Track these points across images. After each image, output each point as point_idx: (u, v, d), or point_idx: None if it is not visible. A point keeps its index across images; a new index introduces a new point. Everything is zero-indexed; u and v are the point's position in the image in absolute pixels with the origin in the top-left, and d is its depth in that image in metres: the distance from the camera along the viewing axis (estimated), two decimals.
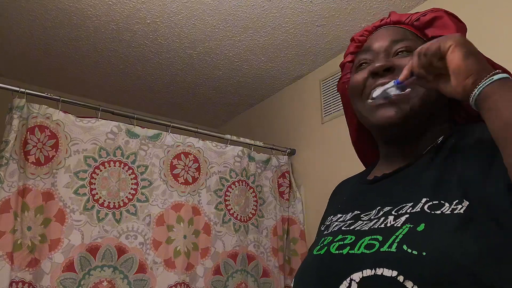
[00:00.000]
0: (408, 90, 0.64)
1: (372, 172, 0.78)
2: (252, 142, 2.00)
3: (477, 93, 0.53)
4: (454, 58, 0.54)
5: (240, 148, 1.91)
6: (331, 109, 1.96)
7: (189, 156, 1.77)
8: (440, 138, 0.67)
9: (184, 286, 1.57)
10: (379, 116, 0.68)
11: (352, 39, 0.79)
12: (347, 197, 0.79)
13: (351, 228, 0.64)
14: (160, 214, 1.63)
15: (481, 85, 0.52)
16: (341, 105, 2.09)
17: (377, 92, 0.66)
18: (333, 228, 0.69)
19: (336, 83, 1.49)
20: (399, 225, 0.55)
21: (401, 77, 0.61)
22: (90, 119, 1.59)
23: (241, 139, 1.97)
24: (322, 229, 0.77)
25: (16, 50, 1.97)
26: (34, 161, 1.44)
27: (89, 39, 1.88)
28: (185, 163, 1.75)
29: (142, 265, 1.54)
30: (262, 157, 2.00)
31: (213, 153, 1.84)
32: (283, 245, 1.92)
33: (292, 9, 1.67)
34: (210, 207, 1.75)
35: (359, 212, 0.67)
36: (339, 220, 0.70)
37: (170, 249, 1.60)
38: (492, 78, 0.52)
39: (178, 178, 1.72)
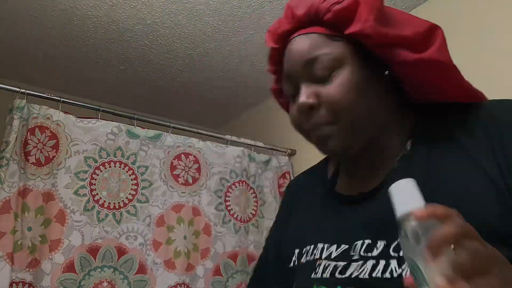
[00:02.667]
0: None
1: (338, 183, 0.71)
2: (252, 142, 2.00)
3: None
4: None
5: (241, 148, 1.91)
6: None
7: (189, 156, 1.77)
8: (408, 143, 0.62)
9: (184, 286, 1.57)
10: (324, 152, 0.64)
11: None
12: (318, 214, 0.71)
13: (347, 275, 0.57)
14: (160, 215, 1.63)
15: None
16: None
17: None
18: (323, 270, 0.61)
19: None
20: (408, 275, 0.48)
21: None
22: (91, 119, 1.59)
23: (242, 140, 1.96)
24: (303, 261, 0.66)
25: (17, 50, 1.97)
26: (35, 161, 1.44)
27: (90, 39, 1.88)
28: (185, 164, 1.75)
29: (142, 266, 1.54)
30: (262, 158, 2.00)
31: (213, 154, 1.84)
32: None
33: None
34: (210, 208, 1.75)
35: (346, 246, 0.60)
36: (325, 257, 0.62)
37: (170, 250, 1.60)
38: None
39: (178, 179, 1.72)
